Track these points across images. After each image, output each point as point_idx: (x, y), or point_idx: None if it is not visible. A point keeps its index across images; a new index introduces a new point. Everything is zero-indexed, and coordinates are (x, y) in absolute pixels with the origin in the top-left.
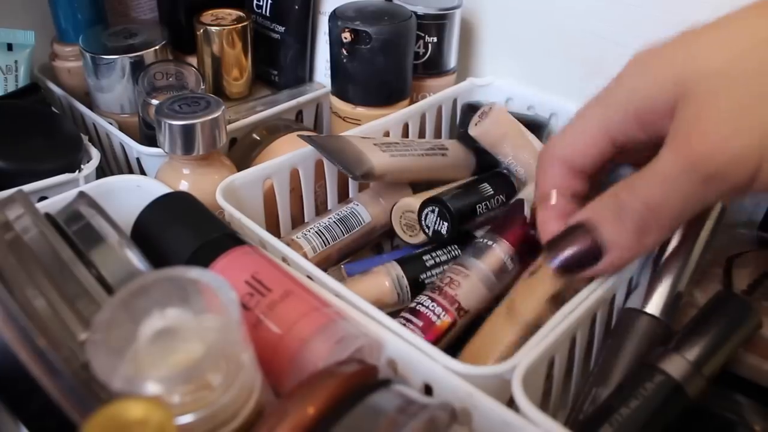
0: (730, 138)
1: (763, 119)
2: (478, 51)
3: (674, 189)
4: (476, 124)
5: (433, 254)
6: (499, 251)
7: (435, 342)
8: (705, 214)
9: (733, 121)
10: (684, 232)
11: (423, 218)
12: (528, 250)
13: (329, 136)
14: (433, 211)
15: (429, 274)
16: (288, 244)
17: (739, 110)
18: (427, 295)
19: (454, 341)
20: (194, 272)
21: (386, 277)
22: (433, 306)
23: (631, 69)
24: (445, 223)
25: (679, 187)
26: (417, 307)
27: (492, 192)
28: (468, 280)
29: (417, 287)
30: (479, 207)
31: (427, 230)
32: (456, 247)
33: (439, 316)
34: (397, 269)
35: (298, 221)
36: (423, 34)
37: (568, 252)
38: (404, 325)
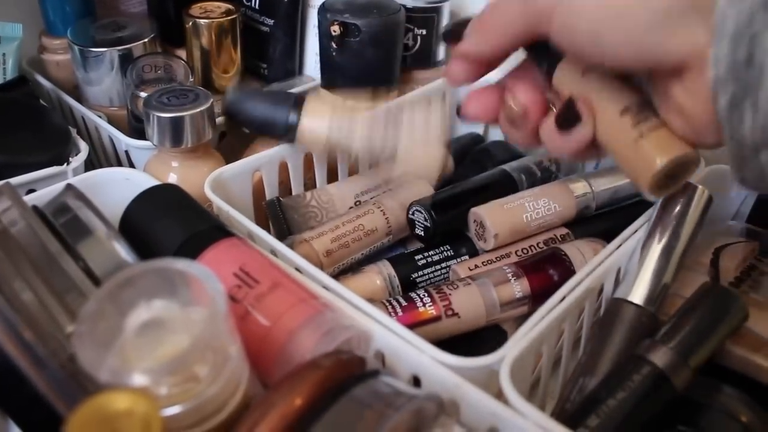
0: None
1: None
2: None
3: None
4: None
5: (425, 254)
6: (516, 287)
7: (410, 326)
8: (689, 203)
9: None
10: (671, 223)
11: (413, 223)
12: (543, 299)
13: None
14: (419, 211)
15: (421, 273)
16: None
17: None
18: (423, 288)
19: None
20: (181, 264)
21: (378, 275)
22: (423, 295)
23: None
24: (427, 224)
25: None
26: (410, 294)
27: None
28: (469, 289)
29: (408, 286)
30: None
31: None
32: (448, 247)
33: (425, 305)
34: (389, 268)
35: None
36: (412, 27)
37: None
38: (389, 303)
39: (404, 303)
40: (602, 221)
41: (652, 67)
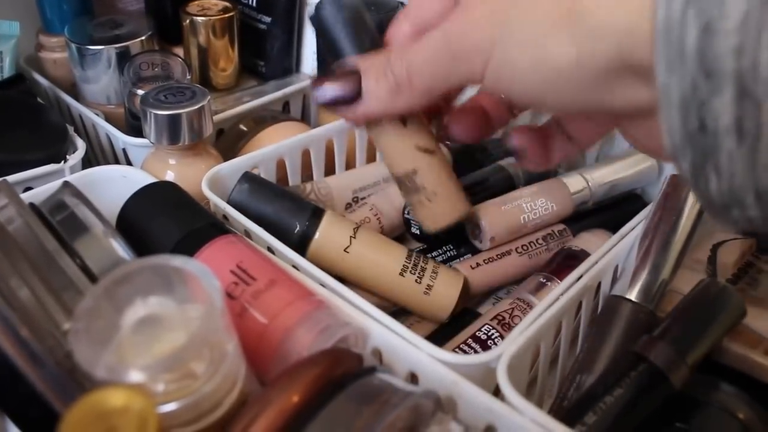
0: (476, 24)
1: (505, 18)
2: None
3: (430, 60)
4: None
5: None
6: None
7: None
8: (687, 199)
9: (484, 12)
10: (669, 219)
11: (408, 222)
12: None
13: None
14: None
15: None
16: None
17: (492, 4)
18: (492, 326)
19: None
20: (178, 261)
21: None
22: (498, 339)
23: None
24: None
25: (434, 59)
26: (482, 336)
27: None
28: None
29: None
30: None
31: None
32: (451, 247)
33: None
34: None
35: None
36: None
37: (332, 88)
38: (469, 352)
39: (479, 351)
40: (597, 216)
41: (599, 115)
